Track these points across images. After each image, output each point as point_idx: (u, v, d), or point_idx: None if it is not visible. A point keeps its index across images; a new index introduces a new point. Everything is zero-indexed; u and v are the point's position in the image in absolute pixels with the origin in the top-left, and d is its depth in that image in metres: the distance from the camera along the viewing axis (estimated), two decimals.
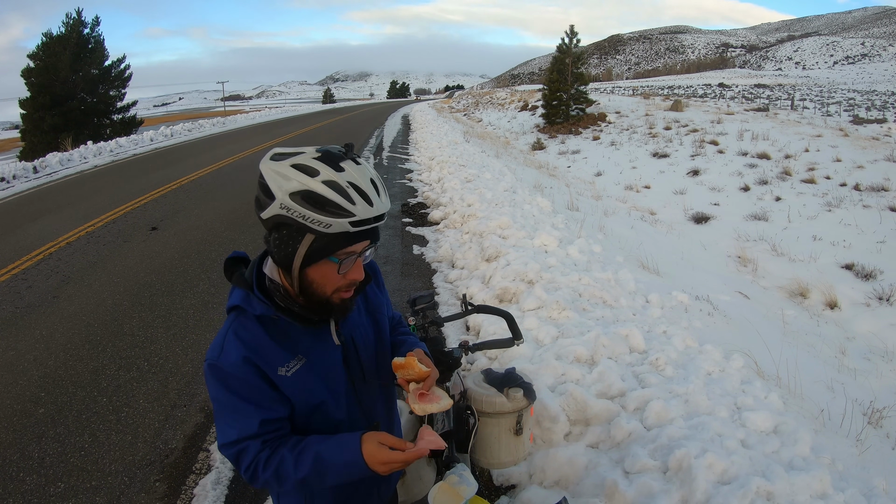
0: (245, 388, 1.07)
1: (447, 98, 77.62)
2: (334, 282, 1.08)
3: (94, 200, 9.00)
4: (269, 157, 1.04)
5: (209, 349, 1.10)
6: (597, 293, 4.09)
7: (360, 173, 1.02)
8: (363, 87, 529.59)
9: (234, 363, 1.06)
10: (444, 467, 1.62)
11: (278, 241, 1.04)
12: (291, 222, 1.00)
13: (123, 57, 25.06)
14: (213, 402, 1.10)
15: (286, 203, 0.99)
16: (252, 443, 1.08)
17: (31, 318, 4.41)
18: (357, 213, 1.00)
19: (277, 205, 1.00)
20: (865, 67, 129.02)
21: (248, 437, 1.08)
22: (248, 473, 1.09)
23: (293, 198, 0.99)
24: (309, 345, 1.14)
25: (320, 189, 0.98)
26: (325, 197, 0.98)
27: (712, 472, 2.12)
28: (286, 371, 1.10)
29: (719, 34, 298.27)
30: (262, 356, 1.08)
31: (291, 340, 1.12)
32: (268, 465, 1.07)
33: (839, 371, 4.46)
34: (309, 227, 1.00)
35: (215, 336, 1.12)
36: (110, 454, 2.77)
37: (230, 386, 1.06)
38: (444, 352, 1.77)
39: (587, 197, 10.39)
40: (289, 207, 0.99)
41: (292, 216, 1.00)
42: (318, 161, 1.01)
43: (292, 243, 1.03)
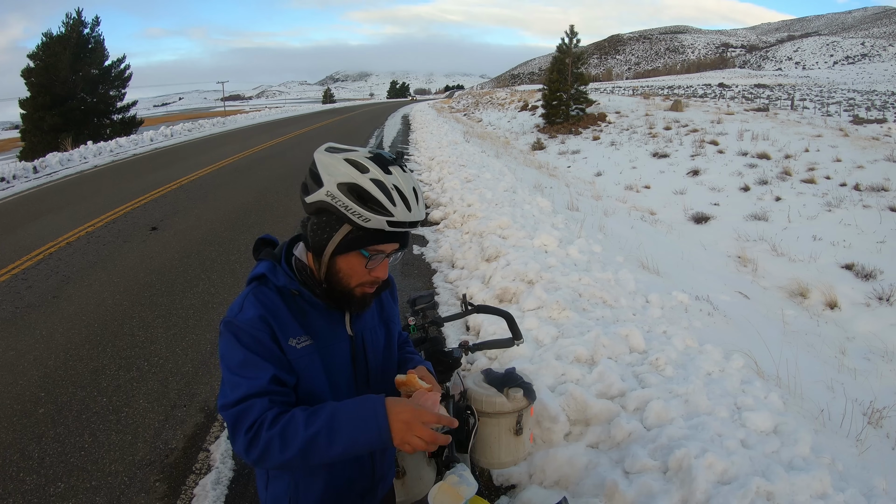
0: (257, 344, 1.08)
1: (447, 98, 77.60)
2: (359, 275, 1.14)
3: (94, 200, 9.00)
4: (324, 149, 1.11)
5: (228, 311, 1.13)
6: (597, 293, 4.09)
7: (405, 180, 1.10)
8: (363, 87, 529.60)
9: (251, 319, 1.09)
10: (444, 467, 1.62)
11: (316, 225, 1.11)
12: (333, 210, 1.07)
13: (123, 57, 25.07)
14: (222, 363, 1.10)
15: (333, 192, 1.06)
16: (259, 400, 1.05)
17: (31, 318, 4.41)
18: (396, 215, 1.06)
19: (324, 192, 1.06)
20: (865, 67, 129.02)
21: (256, 394, 1.05)
22: (249, 434, 1.02)
23: (340, 188, 1.05)
24: (320, 329, 1.17)
25: (367, 185, 1.05)
26: (370, 193, 1.05)
27: (712, 472, 2.12)
28: (296, 343, 1.12)
29: (719, 34, 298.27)
30: (278, 321, 1.11)
31: (306, 318, 1.16)
32: (275, 422, 1.03)
33: (839, 371, 4.46)
34: (349, 217, 1.06)
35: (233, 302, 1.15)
36: (110, 454, 2.77)
37: (242, 341, 1.08)
38: (444, 352, 1.77)
39: (587, 197, 10.39)
40: (334, 196, 1.06)
41: (336, 205, 1.06)
42: (369, 160, 1.08)
43: (329, 230, 1.10)
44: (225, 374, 1.10)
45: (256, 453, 1.03)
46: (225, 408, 1.06)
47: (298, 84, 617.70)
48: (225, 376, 1.10)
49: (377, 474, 1.32)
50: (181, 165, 12.60)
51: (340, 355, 1.20)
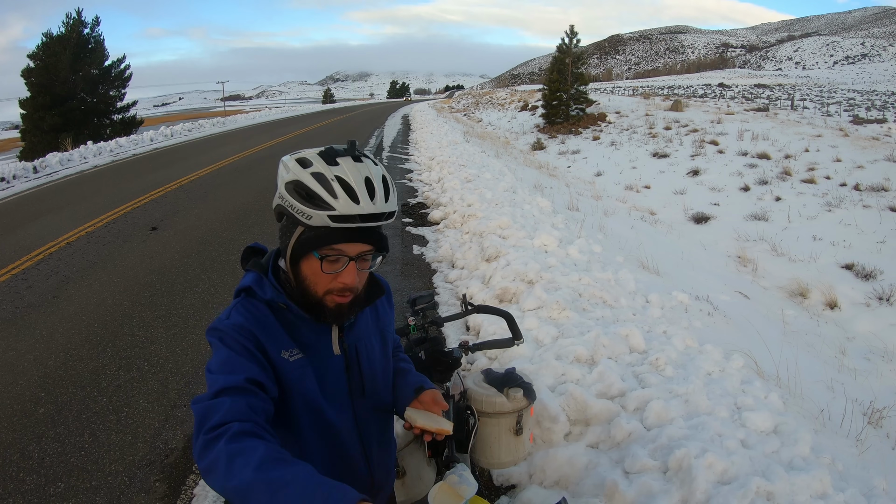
0: (241, 347, 1.01)
1: (447, 98, 77.60)
2: (324, 282, 1.06)
3: (94, 200, 9.00)
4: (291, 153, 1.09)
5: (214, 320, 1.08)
6: (597, 293, 4.09)
7: (354, 170, 1.01)
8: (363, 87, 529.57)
9: (236, 325, 1.03)
10: (444, 467, 1.62)
11: (280, 230, 1.09)
12: (287, 213, 1.04)
13: (123, 57, 25.07)
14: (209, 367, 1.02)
15: (282, 192, 1.04)
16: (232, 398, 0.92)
17: (31, 318, 4.41)
18: (337, 208, 0.99)
19: (277, 195, 1.05)
20: (865, 67, 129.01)
21: (232, 388, 0.94)
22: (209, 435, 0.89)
23: (287, 188, 1.02)
24: (311, 343, 1.11)
25: (307, 179, 1.00)
26: (309, 188, 1.00)
27: (712, 472, 2.12)
28: (288, 356, 1.07)
29: (719, 34, 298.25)
30: (267, 333, 1.05)
31: (296, 331, 1.10)
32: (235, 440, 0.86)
33: (839, 371, 4.46)
34: (296, 217, 1.02)
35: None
36: (110, 454, 2.77)
37: (226, 342, 1.02)
38: (444, 352, 1.77)
39: (587, 197, 10.39)
40: (283, 196, 1.03)
41: (286, 206, 1.03)
42: (317, 155, 1.03)
43: (288, 234, 1.07)
44: (207, 377, 1.01)
45: (205, 462, 0.88)
46: (195, 402, 0.96)
47: (298, 84, 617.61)
48: (207, 379, 1.01)
49: (376, 484, 1.28)
50: (181, 165, 12.60)
51: (333, 368, 1.14)
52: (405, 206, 8.06)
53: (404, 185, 9.90)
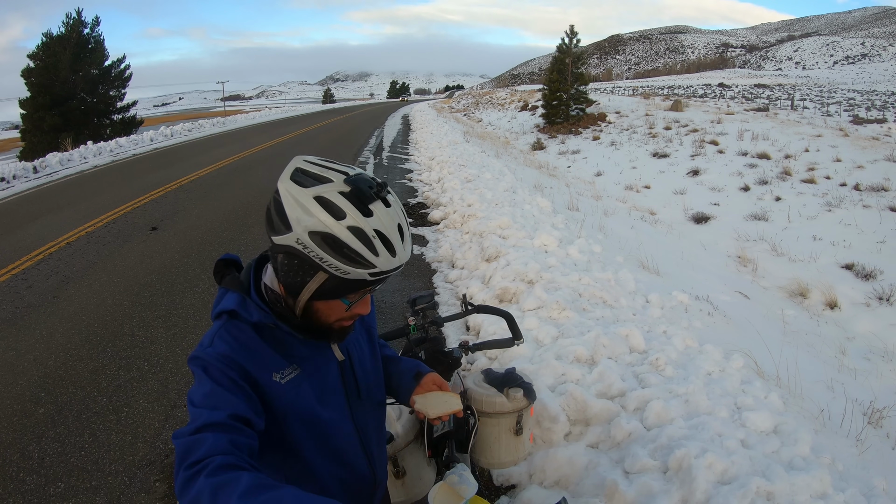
0: (225, 378, 0.95)
1: (447, 98, 77.59)
2: (339, 314, 1.04)
3: (94, 200, 9.00)
4: (290, 177, 0.95)
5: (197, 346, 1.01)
6: (597, 293, 4.09)
7: (388, 219, 0.95)
8: (363, 87, 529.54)
9: (220, 355, 0.97)
10: (444, 467, 1.62)
11: (288, 267, 0.97)
12: (306, 259, 0.93)
13: (123, 57, 25.09)
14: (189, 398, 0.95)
15: (304, 240, 0.92)
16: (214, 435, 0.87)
17: (31, 318, 4.41)
18: (378, 265, 0.93)
19: (293, 238, 0.92)
20: (865, 67, 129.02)
21: (214, 425, 0.89)
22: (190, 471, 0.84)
23: (312, 237, 0.91)
24: (305, 355, 1.08)
25: (343, 235, 0.91)
26: (347, 245, 0.91)
27: (712, 472, 2.12)
28: (280, 378, 1.02)
29: (719, 34, 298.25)
30: (254, 360, 0.99)
31: (286, 348, 1.05)
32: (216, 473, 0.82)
33: (839, 371, 4.46)
34: (324, 268, 0.93)
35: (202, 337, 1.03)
36: (110, 454, 2.77)
37: (210, 373, 0.95)
38: (444, 352, 1.77)
39: (587, 197, 10.39)
40: (305, 245, 0.92)
41: (308, 254, 0.92)
42: (345, 200, 0.92)
43: (302, 275, 0.97)
44: (189, 410, 0.94)
45: (187, 498, 0.82)
46: (176, 436, 0.89)
47: (298, 84, 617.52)
48: (189, 412, 0.94)
49: (378, 482, 1.28)
50: (181, 165, 12.60)
51: (330, 378, 1.12)
52: (405, 206, 8.06)
53: (404, 185, 9.90)
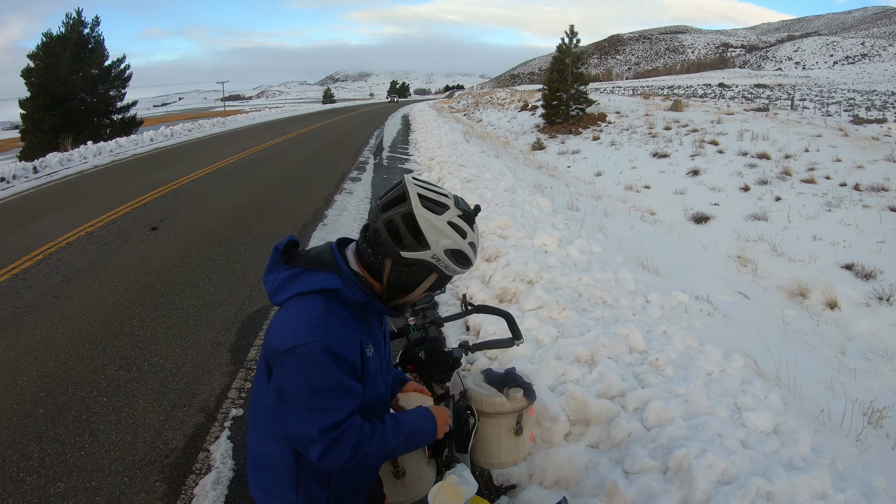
0: (350, 367, 1.17)
1: (447, 98, 77.55)
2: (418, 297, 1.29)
3: (94, 200, 9.00)
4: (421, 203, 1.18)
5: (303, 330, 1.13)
6: (597, 293, 4.09)
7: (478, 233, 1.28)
8: (363, 87, 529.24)
9: (347, 346, 1.16)
10: (444, 467, 1.62)
11: (406, 273, 1.22)
12: (430, 266, 1.21)
13: (123, 57, 25.06)
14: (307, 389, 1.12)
15: (439, 255, 1.19)
16: (354, 420, 1.17)
17: (31, 318, 4.41)
18: (474, 263, 1.28)
19: (429, 254, 1.19)
20: (865, 67, 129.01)
21: (350, 416, 1.16)
22: (351, 452, 1.14)
23: (447, 254, 1.20)
24: (374, 332, 1.31)
25: (466, 249, 1.22)
26: (465, 255, 1.23)
27: (712, 472, 2.12)
28: (369, 351, 1.24)
29: (719, 34, 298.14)
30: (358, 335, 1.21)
31: (365, 325, 1.27)
32: (371, 439, 1.18)
33: (839, 371, 4.46)
34: (443, 271, 1.23)
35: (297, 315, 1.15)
36: (110, 454, 2.77)
37: (342, 367, 1.15)
38: (444, 352, 1.77)
39: (587, 197, 10.39)
40: (439, 259, 1.20)
41: (437, 265, 1.21)
42: (463, 222, 1.21)
43: (418, 277, 1.23)
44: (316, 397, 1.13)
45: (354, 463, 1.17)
46: (322, 433, 1.12)
47: (298, 84, 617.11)
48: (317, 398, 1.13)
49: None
50: (181, 165, 12.60)
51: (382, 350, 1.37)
52: None
53: None
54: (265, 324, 4.22)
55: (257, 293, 4.80)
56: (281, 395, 1.15)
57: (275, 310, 4.41)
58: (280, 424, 1.18)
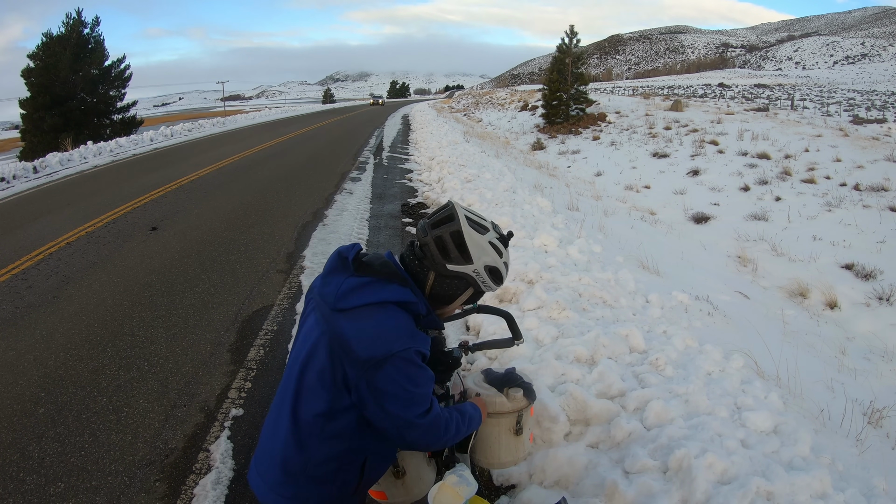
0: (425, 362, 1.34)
1: (447, 98, 77.55)
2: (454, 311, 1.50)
3: (94, 200, 9.00)
4: (468, 223, 1.37)
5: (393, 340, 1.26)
6: (597, 293, 4.09)
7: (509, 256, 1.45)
8: (363, 87, 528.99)
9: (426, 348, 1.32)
10: (444, 467, 1.62)
11: (448, 286, 1.40)
12: (469, 279, 1.39)
13: (123, 57, 25.06)
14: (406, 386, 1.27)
15: (479, 271, 1.38)
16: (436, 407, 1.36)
17: (31, 318, 4.41)
18: (505, 282, 1.48)
19: (471, 269, 1.38)
20: (865, 67, 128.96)
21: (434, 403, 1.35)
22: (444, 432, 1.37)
23: (486, 269, 1.39)
24: None
25: (502, 268, 1.42)
26: (500, 272, 1.42)
27: (712, 472, 2.12)
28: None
29: (719, 34, 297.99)
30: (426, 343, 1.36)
31: None
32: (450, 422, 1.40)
33: (839, 371, 4.46)
34: (479, 285, 1.41)
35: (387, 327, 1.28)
36: (110, 454, 2.77)
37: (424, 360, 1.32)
38: (444, 352, 1.77)
39: (587, 197, 10.39)
40: (479, 273, 1.39)
41: (476, 278, 1.39)
42: (501, 244, 1.42)
43: (458, 290, 1.41)
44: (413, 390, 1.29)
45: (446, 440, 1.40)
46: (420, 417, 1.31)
47: (298, 84, 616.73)
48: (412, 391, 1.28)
49: None
50: (181, 165, 12.60)
51: None
52: (405, 206, 8.06)
53: (404, 185, 9.91)
54: (265, 324, 4.22)
55: (257, 293, 4.80)
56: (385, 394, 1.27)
57: (275, 311, 4.42)
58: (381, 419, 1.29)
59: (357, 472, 1.39)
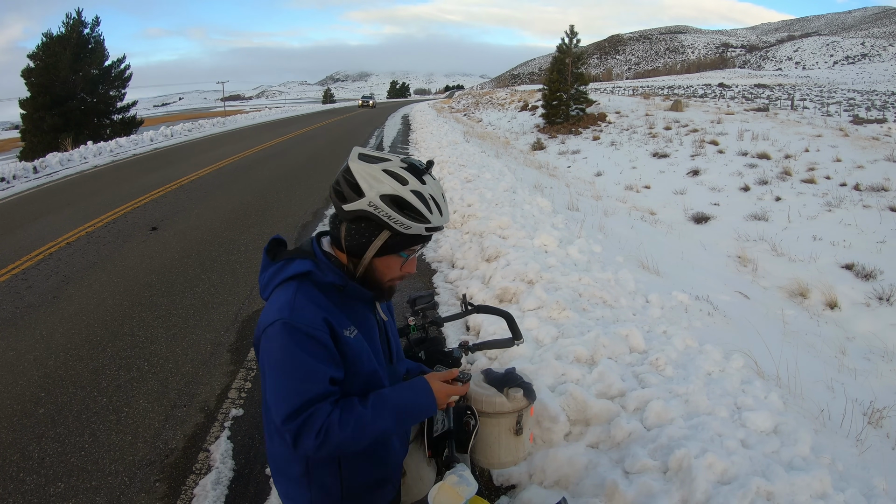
0: (318, 347, 1.14)
1: (447, 98, 77.53)
2: (393, 272, 1.26)
3: (94, 200, 9.00)
4: (358, 158, 1.20)
5: (274, 311, 1.16)
6: (597, 293, 4.09)
7: (437, 188, 1.23)
8: (363, 87, 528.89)
9: (311, 321, 1.14)
10: (444, 467, 1.62)
11: (355, 231, 1.21)
12: (374, 218, 1.17)
13: (123, 57, 25.06)
14: (274, 368, 1.12)
15: (375, 202, 1.16)
16: (321, 405, 1.12)
17: (31, 318, 4.41)
18: (432, 221, 1.19)
19: (366, 202, 1.16)
20: (865, 67, 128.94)
21: (318, 399, 1.12)
22: (319, 439, 1.10)
23: (383, 199, 1.16)
24: (360, 317, 1.28)
25: (409, 196, 1.17)
26: (411, 204, 1.17)
27: (712, 472, 2.12)
28: (350, 333, 1.21)
29: (719, 34, 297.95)
30: (333, 316, 1.18)
31: (347, 309, 1.25)
32: (344, 424, 1.12)
33: (839, 371, 4.46)
34: (390, 225, 1.17)
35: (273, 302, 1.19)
36: (110, 454, 2.77)
37: (304, 346, 1.12)
38: (444, 352, 1.77)
39: (587, 197, 10.39)
40: (377, 206, 1.16)
41: (378, 214, 1.17)
42: (406, 171, 1.19)
43: (368, 235, 1.20)
44: (281, 379, 1.12)
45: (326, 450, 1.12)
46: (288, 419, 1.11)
47: (298, 84, 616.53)
48: (281, 381, 1.12)
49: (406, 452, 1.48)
50: (181, 165, 12.60)
51: (377, 338, 1.33)
52: None
53: None
54: None
55: (257, 293, 4.80)
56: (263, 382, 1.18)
57: None
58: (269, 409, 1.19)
59: (334, 476, 1.29)
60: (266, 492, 2.50)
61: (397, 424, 1.19)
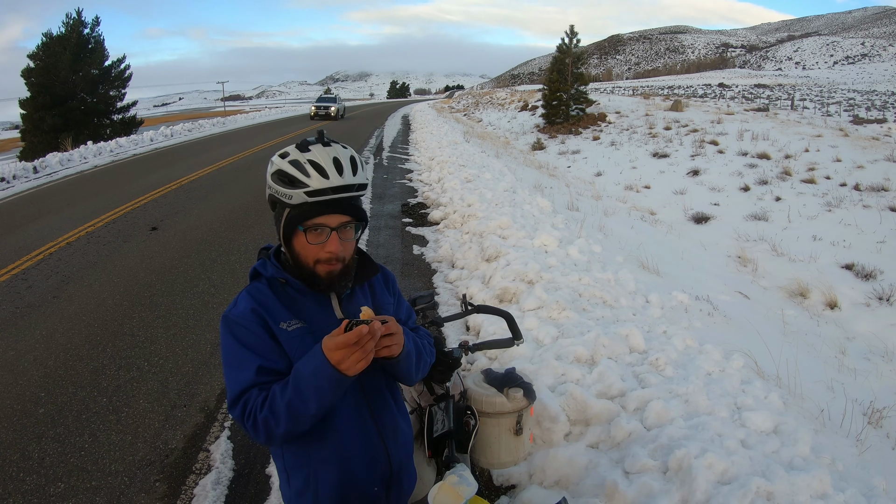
0: (248, 335, 1.18)
1: (447, 98, 77.53)
2: (313, 252, 1.21)
3: (94, 200, 9.00)
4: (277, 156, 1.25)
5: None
6: (597, 293, 4.09)
7: (322, 153, 1.19)
8: (363, 87, 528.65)
9: (242, 312, 1.20)
10: (444, 467, 1.62)
11: (275, 218, 1.25)
12: (276, 199, 1.22)
13: (123, 57, 25.05)
14: (223, 359, 1.19)
15: (269, 183, 1.22)
16: (252, 391, 1.14)
17: (31, 318, 4.41)
18: (310, 185, 1.16)
19: (268, 186, 1.23)
20: (865, 67, 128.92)
21: (249, 387, 1.14)
22: (250, 421, 1.12)
23: (272, 178, 1.21)
24: (312, 312, 1.25)
25: (285, 167, 1.19)
26: (287, 173, 1.18)
27: (712, 472, 2.12)
28: (287, 326, 1.21)
29: (719, 34, 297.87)
30: (267, 310, 1.21)
31: (297, 305, 1.25)
32: (263, 404, 1.12)
33: (839, 371, 4.46)
34: (281, 200, 1.20)
35: None
36: (110, 454, 2.77)
37: (235, 334, 1.18)
38: (444, 352, 1.77)
39: (587, 197, 10.39)
40: (270, 186, 1.22)
41: (273, 193, 1.22)
42: (293, 147, 1.22)
43: (278, 218, 1.23)
44: (224, 370, 1.19)
45: (262, 435, 1.13)
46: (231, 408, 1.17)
47: (298, 84, 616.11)
48: (225, 372, 1.19)
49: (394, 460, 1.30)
50: (181, 165, 12.60)
51: None
52: (405, 206, 8.06)
53: (404, 185, 9.91)
54: None
55: None
56: None
57: None
58: None
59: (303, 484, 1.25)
60: (266, 492, 2.50)
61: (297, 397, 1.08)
